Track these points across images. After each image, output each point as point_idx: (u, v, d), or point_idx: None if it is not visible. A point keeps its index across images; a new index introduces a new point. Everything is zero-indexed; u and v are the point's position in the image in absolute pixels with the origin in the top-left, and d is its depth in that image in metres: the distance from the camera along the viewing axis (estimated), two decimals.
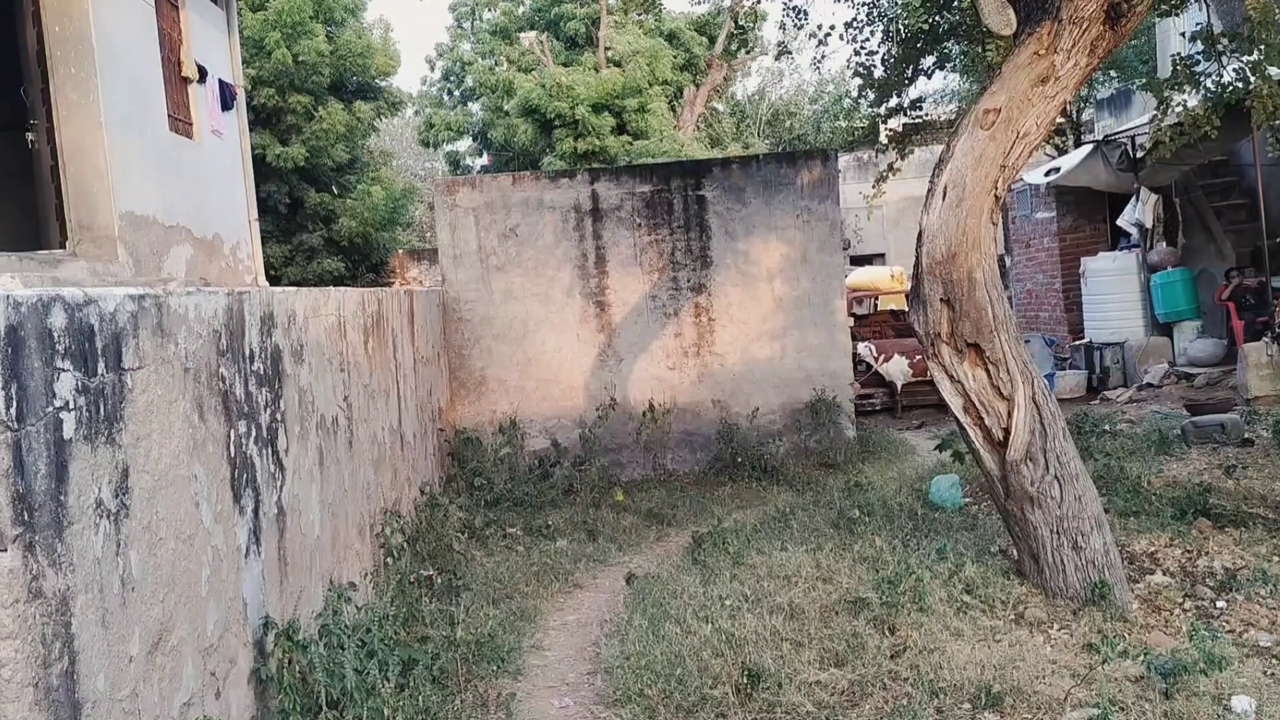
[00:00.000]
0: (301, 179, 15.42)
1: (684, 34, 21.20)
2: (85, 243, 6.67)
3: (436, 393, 8.32)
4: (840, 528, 6.25)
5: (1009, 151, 4.71)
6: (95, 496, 2.40)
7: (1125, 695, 3.70)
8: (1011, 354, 4.77)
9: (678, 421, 9.20)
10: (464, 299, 9.19)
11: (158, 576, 2.70)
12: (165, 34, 8.09)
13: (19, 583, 2.08)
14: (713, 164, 9.64)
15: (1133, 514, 5.87)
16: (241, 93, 9.95)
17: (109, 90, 6.71)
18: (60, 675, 2.21)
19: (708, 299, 9.26)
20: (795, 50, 20.41)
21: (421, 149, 27.13)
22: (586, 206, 9.29)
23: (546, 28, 21.86)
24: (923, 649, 4.17)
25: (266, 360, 3.79)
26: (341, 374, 4.98)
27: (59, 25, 6.53)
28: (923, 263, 4.87)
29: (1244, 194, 11.63)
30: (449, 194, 9.37)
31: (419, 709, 3.80)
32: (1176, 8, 7.41)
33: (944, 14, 8.26)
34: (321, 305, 4.69)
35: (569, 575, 6.17)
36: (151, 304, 2.78)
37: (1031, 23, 4.65)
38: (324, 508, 4.44)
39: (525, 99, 18.22)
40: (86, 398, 2.39)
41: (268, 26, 14.61)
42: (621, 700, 4.16)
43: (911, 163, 9.51)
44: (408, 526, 5.98)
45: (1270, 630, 4.31)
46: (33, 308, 2.19)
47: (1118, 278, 11.92)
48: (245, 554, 3.39)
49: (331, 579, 4.43)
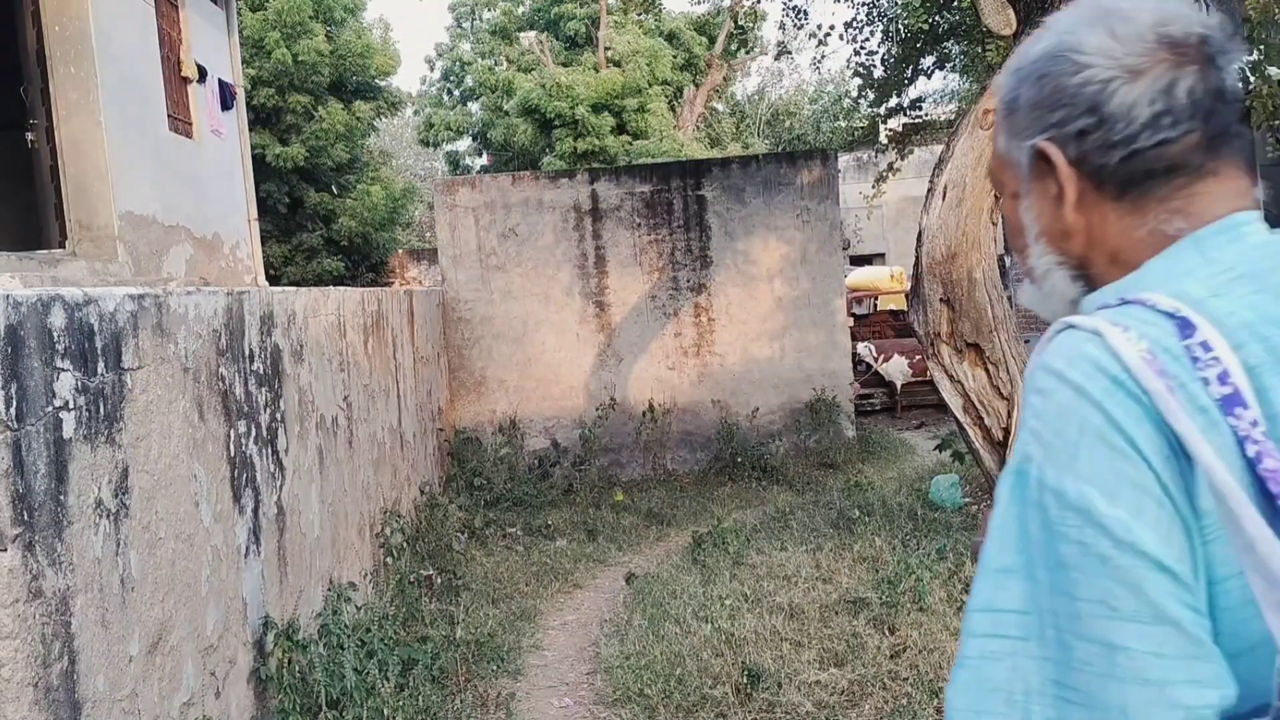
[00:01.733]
0: (301, 179, 15.42)
1: (684, 34, 21.20)
2: (85, 242, 6.67)
3: (436, 392, 8.32)
4: (840, 528, 6.25)
5: None
6: (95, 496, 2.40)
7: None
8: (1011, 354, 4.77)
9: (677, 421, 9.21)
10: (464, 299, 9.19)
11: (157, 576, 2.70)
12: (165, 33, 8.10)
13: (19, 582, 2.08)
14: (712, 164, 9.64)
15: None
16: (241, 92, 9.96)
17: (108, 90, 6.72)
18: (60, 675, 2.21)
19: (707, 299, 9.26)
20: (795, 50, 20.43)
21: (421, 149, 27.15)
22: (586, 206, 9.29)
23: (546, 27, 21.87)
24: (922, 649, 4.17)
25: (266, 360, 3.79)
26: (341, 374, 4.98)
27: (58, 25, 6.53)
28: (922, 263, 4.87)
29: None
30: (449, 194, 9.37)
31: (419, 709, 3.80)
32: None
33: (944, 14, 8.26)
34: (321, 305, 4.69)
35: (569, 575, 6.17)
36: (151, 304, 2.78)
37: (1031, 23, 4.65)
38: (324, 507, 4.44)
39: (525, 99, 18.22)
40: (86, 397, 2.39)
41: (267, 26, 14.61)
42: (621, 700, 4.16)
43: (911, 163, 9.52)
44: (407, 526, 5.99)
45: None
46: (32, 307, 2.19)
47: None
48: (245, 554, 3.39)
49: (331, 579, 4.43)
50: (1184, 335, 0.79)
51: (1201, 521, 0.77)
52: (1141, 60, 0.86)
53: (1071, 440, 0.78)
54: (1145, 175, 0.88)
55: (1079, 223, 0.91)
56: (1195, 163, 0.87)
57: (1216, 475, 0.74)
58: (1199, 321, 0.79)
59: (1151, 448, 0.76)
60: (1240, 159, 0.89)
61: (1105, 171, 0.89)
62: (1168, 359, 0.78)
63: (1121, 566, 0.75)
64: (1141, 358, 0.77)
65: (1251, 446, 0.75)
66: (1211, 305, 0.81)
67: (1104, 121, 0.87)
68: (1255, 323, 0.81)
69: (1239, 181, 0.89)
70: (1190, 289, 0.83)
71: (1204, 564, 0.77)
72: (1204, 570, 0.77)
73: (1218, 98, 0.87)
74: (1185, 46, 0.87)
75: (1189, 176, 0.88)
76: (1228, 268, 0.84)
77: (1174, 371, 0.77)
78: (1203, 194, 0.88)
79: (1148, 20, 0.87)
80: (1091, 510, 0.76)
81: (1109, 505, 0.76)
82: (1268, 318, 0.81)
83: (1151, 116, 0.86)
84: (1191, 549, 0.77)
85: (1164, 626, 0.75)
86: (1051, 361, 0.82)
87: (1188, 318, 0.79)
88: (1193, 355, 0.78)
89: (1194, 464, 0.76)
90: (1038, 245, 0.95)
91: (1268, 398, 0.78)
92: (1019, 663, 0.79)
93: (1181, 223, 0.87)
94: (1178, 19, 0.88)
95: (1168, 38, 0.87)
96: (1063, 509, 0.77)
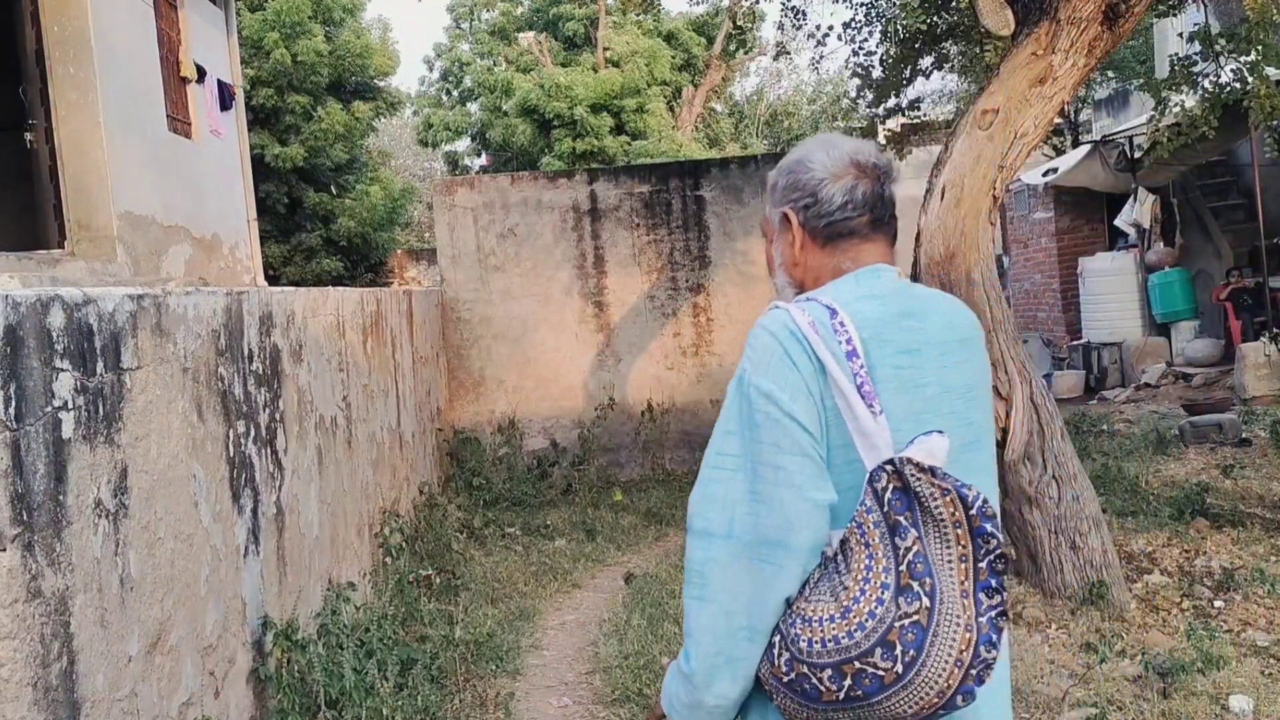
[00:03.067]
0: (300, 179, 15.41)
1: (682, 34, 21.19)
2: (84, 242, 6.67)
3: (435, 392, 8.32)
4: None
5: (1007, 152, 4.72)
6: (94, 496, 2.40)
7: (1123, 695, 3.71)
8: (1009, 354, 4.77)
9: (676, 421, 9.21)
10: (462, 299, 9.19)
11: (156, 576, 2.71)
12: (164, 34, 8.10)
13: (18, 583, 2.08)
14: (711, 164, 9.64)
15: (1130, 514, 5.87)
16: (240, 93, 9.96)
17: (107, 90, 6.72)
18: (59, 675, 2.21)
19: (706, 299, 9.26)
20: (793, 50, 20.42)
21: (420, 149, 27.12)
22: (585, 206, 9.29)
23: (545, 28, 21.85)
24: None
25: (265, 360, 3.79)
26: (340, 374, 4.98)
27: (58, 25, 6.53)
28: (920, 263, 4.87)
29: (1241, 194, 11.65)
30: (447, 194, 9.37)
31: (418, 708, 3.81)
32: (1174, 8, 7.42)
33: (942, 14, 8.26)
34: (320, 305, 4.69)
35: (568, 575, 6.17)
36: (150, 304, 2.79)
37: (1029, 23, 4.66)
38: (323, 507, 4.44)
39: (524, 99, 18.21)
40: (85, 398, 2.39)
41: (266, 26, 14.60)
42: (620, 699, 4.16)
43: (910, 163, 9.49)
44: (406, 526, 5.99)
45: (1268, 630, 4.32)
46: (31, 307, 2.20)
47: (1115, 278, 11.93)
48: (244, 554, 3.39)
49: (330, 578, 4.43)
50: (832, 317, 1.43)
51: (827, 410, 1.39)
52: (840, 171, 1.55)
53: (765, 361, 1.42)
54: (836, 235, 1.55)
55: (801, 259, 1.60)
56: (863, 233, 1.55)
57: (841, 381, 1.38)
58: (842, 312, 1.43)
59: (806, 367, 1.40)
60: (888, 235, 1.58)
61: (816, 231, 1.57)
62: (821, 326, 1.42)
63: (785, 425, 1.37)
64: (807, 322, 1.42)
65: (858, 377, 1.39)
66: (852, 307, 1.45)
67: (818, 202, 1.55)
68: (872, 320, 1.45)
69: (886, 248, 1.57)
70: (844, 297, 1.47)
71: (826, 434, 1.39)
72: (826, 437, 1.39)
73: (879, 200, 1.55)
74: (866, 167, 1.55)
75: (859, 240, 1.55)
76: (868, 291, 1.50)
77: (823, 333, 1.41)
78: (864, 250, 1.56)
79: (848, 149, 1.56)
80: (773, 396, 1.39)
81: (781, 393, 1.38)
82: (879, 318, 1.46)
83: (842, 203, 1.54)
84: (822, 423, 1.39)
85: (804, 458, 1.37)
86: (764, 321, 1.47)
87: (836, 309, 1.44)
88: (834, 327, 1.42)
89: (828, 377, 1.39)
90: (780, 271, 1.66)
91: (870, 357, 1.42)
92: (731, 484, 1.38)
93: (850, 264, 1.54)
94: (864, 151, 1.56)
95: (857, 161, 1.55)
96: (759, 396, 1.40)
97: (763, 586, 1.35)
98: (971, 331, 1.59)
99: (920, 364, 1.47)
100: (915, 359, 1.47)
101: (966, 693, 1.29)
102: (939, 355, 1.49)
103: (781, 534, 1.35)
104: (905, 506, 1.31)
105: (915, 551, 1.29)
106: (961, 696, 1.29)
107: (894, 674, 1.26)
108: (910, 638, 1.26)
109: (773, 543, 1.35)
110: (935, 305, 1.57)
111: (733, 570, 1.37)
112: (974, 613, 1.29)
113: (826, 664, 1.29)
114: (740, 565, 1.36)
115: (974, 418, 1.53)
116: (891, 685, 1.27)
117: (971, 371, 1.56)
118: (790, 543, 1.35)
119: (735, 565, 1.37)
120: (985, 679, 1.29)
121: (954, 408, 1.49)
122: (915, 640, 1.26)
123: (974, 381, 1.56)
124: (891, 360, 1.44)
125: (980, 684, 1.29)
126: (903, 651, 1.26)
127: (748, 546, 1.36)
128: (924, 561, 1.29)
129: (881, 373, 1.42)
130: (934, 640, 1.27)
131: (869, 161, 1.55)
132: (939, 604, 1.28)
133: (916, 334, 1.48)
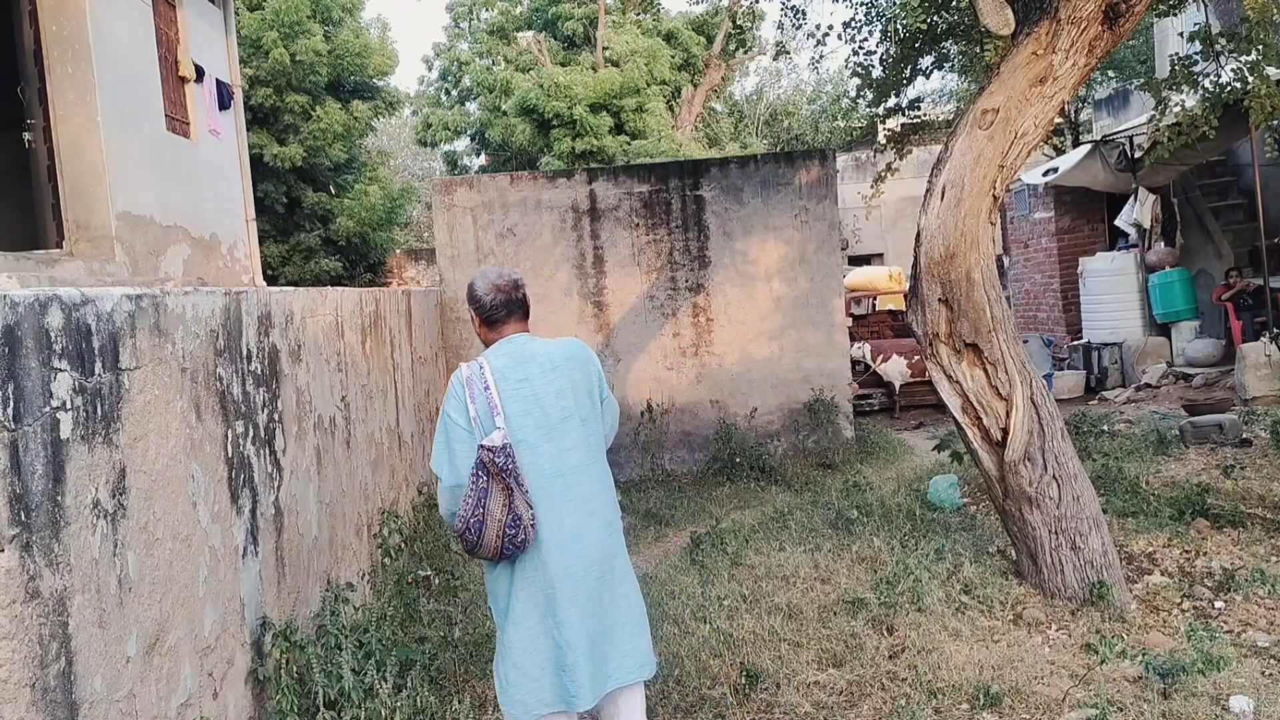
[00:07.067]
0: (299, 179, 15.40)
1: (682, 34, 21.18)
2: (82, 242, 6.66)
3: (434, 393, 8.30)
4: (838, 528, 6.25)
5: (1007, 151, 4.71)
6: (92, 497, 2.40)
7: (1123, 695, 3.70)
8: (1010, 354, 4.76)
9: (676, 422, 9.20)
10: (462, 299, 9.17)
11: (155, 577, 2.70)
12: (162, 33, 8.09)
13: (16, 583, 2.07)
14: (710, 164, 9.63)
15: (1131, 514, 5.87)
16: (239, 92, 9.95)
17: (106, 90, 6.71)
18: (57, 676, 2.20)
19: (706, 299, 9.25)
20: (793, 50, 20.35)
21: (419, 149, 27.12)
22: (584, 206, 9.28)
23: (544, 27, 21.85)
24: (921, 649, 4.17)
25: (264, 360, 3.78)
26: (339, 374, 4.97)
27: (56, 24, 6.52)
28: (921, 263, 4.86)
29: (1242, 194, 11.65)
30: (446, 194, 9.36)
31: (416, 709, 3.80)
32: (1175, 8, 7.41)
33: (942, 14, 8.25)
34: (319, 305, 4.68)
35: None
36: (149, 304, 2.78)
37: (1029, 23, 4.65)
38: (321, 508, 4.43)
39: (523, 99, 18.20)
40: (84, 398, 2.38)
41: (265, 26, 14.58)
42: None
43: (910, 163, 9.51)
44: (405, 526, 5.98)
45: (1268, 630, 4.32)
46: (30, 307, 2.19)
47: (1116, 278, 11.93)
48: (242, 554, 3.38)
49: (329, 579, 4.42)
50: (481, 369, 2.96)
51: (473, 419, 2.90)
52: (491, 288, 3.06)
53: (451, 395, 2.96)
54: (494, 320, 3.07)
55: (481, 334, 3.11)
56: (504, 318, 3.06)
57: (475, 404, 2.91)
58: (485, 365, 2.96)
59: (463, 396, 2.93)
60: (523, 316, 3.10)
61: (485, 318, 3.08)
62: (473, 374, 2.96)
63: (454, 426, 2.93)
64: (468, 371, 2.97)
65: (490, 400, 2.91)
66: (493, 360, 2.98)
67: (482, 306, 3.06)
68: (502, 369, 2.96)
69: (521, 324, 3.09)
70: (492, 356, 3.00)
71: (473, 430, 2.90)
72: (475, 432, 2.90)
73: (511, 300, 3.06)
74: (504, 283, 3.07)
75: (503, 322, 3.06)
76: (504, 351, 3.01)
77: (473, 378, 2.95)
78: (507, 327, 3.07)
79: (493, 276, 3.08)
80: (449, 414, 2.94)
81: (453, 411, 2.93)
82: (506, 367, 2.97)
83: (492, 305, 3.05)
84: (469, 428, 2.90)
85: (463, 444, 2.91)
86: (455, 373, 2.98)
87: (483, 363, 2.97)
88: (479, 372, 2.95)
89: (474, 401, 2.91)
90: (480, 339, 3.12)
91: (500, 386, 2.94)
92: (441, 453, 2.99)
93: (499, 337, 3.09)
94: (504, 276, 3.09)
95: (498, 282, 3.07)
96: (445, 415, 2.95)
97: (452, 498, 2.92)
98: (561, 360, 3.01)
99: (529, 384, 2.95)
100: (525, 383, 2.95)
101: (508, 549, 2.85)
102: (540, 375, 2.96)
103: (458, 477, 2.90)
104: (481, 465, 2.83)
105: (483, 486, 2.82)
106: (504, 551, 2.85)
107: (471, 539, 2.84)
108: (475, 523, 2.82)
109: (458, 481, 2.91)
110: (540, 349, 3.02)
111: (445, 491, 2.94)
112: (503, 518, 2.81)
113: (463, 530, 2.84)
114: (448, 489, 2.94)
115: (566, 404, 2.97)
116: (474, 543, 2.85)
117: (563, 378, 2.99)
118: (461, 481, 2.89)
119: (446, 489, 2.94)
120: (513, 546, 2.84)
121: (548, 404, 2.95)
122: (477, 525, 2.82)
123: (563, 385, 2.98)
124: (511, 386, 2.93)
125: (513, 547, 2.85)
126: (476, 529, 2.83)
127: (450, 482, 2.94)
128: (485, 491, 2.82)
129: (505, 393, 2.92)
130: (485, 527, 2.82)
131: (504, 282, 3.06)
132: (488, 511, 2.82)
133: (526, 367, 2.97)
